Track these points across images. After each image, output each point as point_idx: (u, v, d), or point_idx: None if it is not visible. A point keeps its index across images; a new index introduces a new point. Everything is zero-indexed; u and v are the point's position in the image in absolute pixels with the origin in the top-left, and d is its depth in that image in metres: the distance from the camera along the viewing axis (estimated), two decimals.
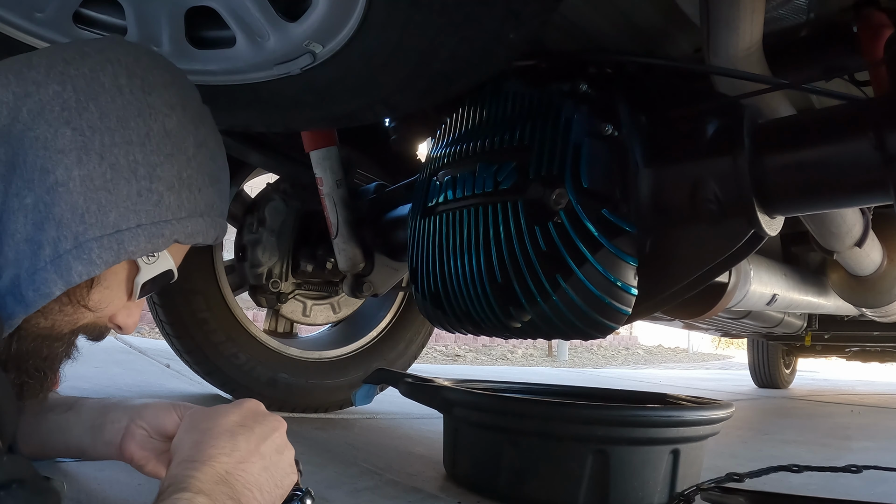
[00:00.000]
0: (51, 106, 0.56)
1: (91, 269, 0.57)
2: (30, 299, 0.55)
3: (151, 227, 0.59)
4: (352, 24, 0.84)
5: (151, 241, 0.59)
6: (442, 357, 6.50)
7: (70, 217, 0.55)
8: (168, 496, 0.53)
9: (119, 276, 0.63)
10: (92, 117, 0.57)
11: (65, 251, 0.55)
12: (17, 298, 0.55)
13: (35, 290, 0.55)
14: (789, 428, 2.48)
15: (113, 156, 0.57)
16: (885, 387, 5.21)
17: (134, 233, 0.58)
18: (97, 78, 0.58)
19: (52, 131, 0.55)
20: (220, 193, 0.68)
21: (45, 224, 0.54)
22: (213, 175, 0.66)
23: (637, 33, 1.12)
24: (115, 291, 0.64)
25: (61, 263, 0.55)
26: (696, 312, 1.39)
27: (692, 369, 7.45)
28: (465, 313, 1.05)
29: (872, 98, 0.96)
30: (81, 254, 0.55)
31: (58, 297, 0.58)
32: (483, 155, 1.02)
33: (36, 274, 0.54)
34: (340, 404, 1.91)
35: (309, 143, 1.47)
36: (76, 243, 0.55)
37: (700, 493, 1.01)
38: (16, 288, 0.54)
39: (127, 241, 0.58)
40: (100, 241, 0.56)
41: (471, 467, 1.19)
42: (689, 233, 0.92)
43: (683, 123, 0.95)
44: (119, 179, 0.57)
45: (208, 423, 0.64)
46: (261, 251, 1.69)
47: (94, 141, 0.56)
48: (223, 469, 0.59)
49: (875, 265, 1.67)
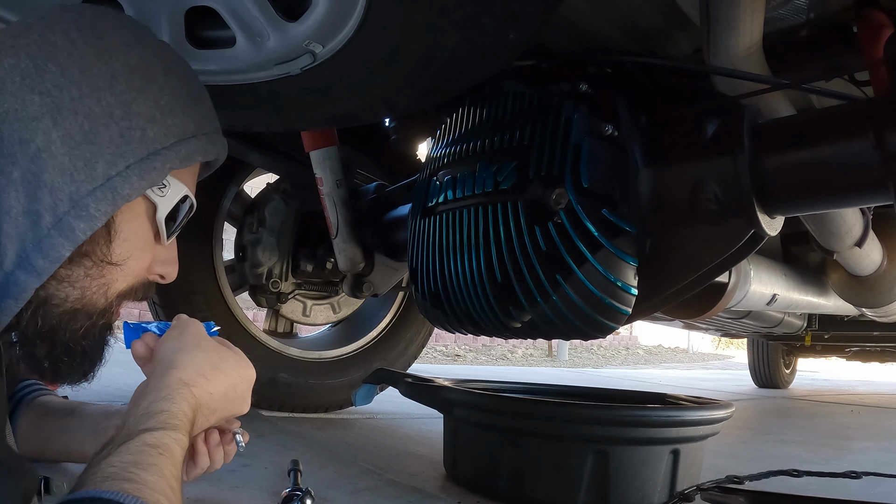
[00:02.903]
0: (11, 78, 0.56)
1: (92, 223, 0.57)
2: (41, 267, 0.56)
3: (140, 164, 0.58)
4: (352, 24, 0.84)
5: (145, 178, 0.59)
6: (442, 357, 6.50)
7: (60, 179, 0.55)
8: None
9: (135, 222, 0.63)
10: (54, 76, 0.56)
11: (63, 213, 0.55)
12: (28, 270, 0.55)
13: (45, 258, 0.55)
14: (789, 428, 2.48)
15: (86, 107, 0.57)
16: (885, 387, 5.21)
17: (124, 175, 0.58)
18: (48, 39, 0.58)
19: (20, 101, 0.55)
20: (206, 111, 0.67)
21: (38, 192, 0.54)
22: (191, 96, 0.65)
23: (637, 33, 1.12)
24: (137, 240, 0.64)
25: (63, 226, 0.55)
26: (696, 312, 1.39)
27: (692, 369, 7.45)
28: (465, 313, 1.05)
29: (872, 98, 0.96)
30: (80, 211, 0.56)
31: (79, 261, 0.59)
32: (483, 155, 1.02)
33: (42, 242, 0.55)
34: (340, 404, 1.91)
35: (309, 143, 1.47)
36: (72, 203, 0.56)
37: (700, 493, 1.01)
38: (24, 260, 0.55)
39: (119, 185, 0.57)
40: (93, 194, 0.56)
41: (471, 467, 1.19)
42: (689, 233, 0.92)
43: (683, 123, 0.95)
44: (98, 128, 0.57)
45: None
46: (261, 251, 1.69)
47: (64, 98, 0.56)
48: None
49: (875, 265, 1.67)
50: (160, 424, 0.57)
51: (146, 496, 0.47)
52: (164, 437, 0.55)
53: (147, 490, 0.48)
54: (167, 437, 0.56)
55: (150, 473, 0.50)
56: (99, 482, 0.47)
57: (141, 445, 0.53)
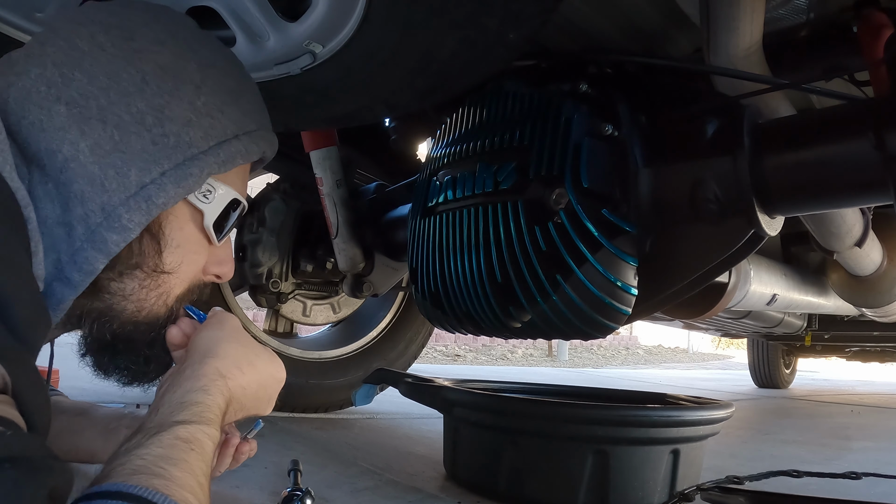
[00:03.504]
0: (36, 88, 0.54)
1: (126, 234, 0.55)
2: (76, 280, 0.55)
3: (175, 170, 0.56)
4: (352, 24, 0.84)
5: (181, 185, 0.57)
6: (442, 357, 6.50)
7: (90, 190, 0.54)
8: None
9: (185, 230, 0.62)
10: (80, 85, 0.55)
11: (96, 225, 0.54)
12: (64, 282, 0.54)
13: (79, 271, 0.54)
14: (789, 428, 2.48)
15: (114, 115, 0.55)
16: (885, 387, 5.21)
17: (159, 183, 0.56)
18: (74, 45, 0.56)
19: (46, 112, 0.54)
20: (249, 108, 0.64)
21: (70, 203, 0.53)
22: (231, 92, 0.62)
23: (637, 33, 1.12)
24: (189, 246, 0.62)
25: (96, 238, 0.54)
26: (696, 312, 1.39)
27: (692, 369, 7.45)
28: (465, 313, 1.05)
29: (872, 98, 0.96)
30: (113, 223, 0.54)
31: (131, 273, 0.58)
32: (483, 155, 1.02)
33: (76, 255, 0.54)
34: (340, 404, 1.91)
35: (309, 143, 1.47)
36: (105, 214, 0.54)
37: (700, 493, 1.01)
38: (60, 272, 0.54)
39: (154, 194, 0.55)
40: (126, 203, 0.54)
41: (471, 467, 1.19)
42: (689, 233, 0.92)
43: (683, 123, 0.95)
44: (128, 136, 0.55)
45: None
46: (261, 251, 1.69)
47: (91, 107, 0.54)
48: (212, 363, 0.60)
49: (875, 265, 1.67)
50: (194, 417, 0.54)
51: (175, 494, 0.46)
52: (197, 431, 0.53)
53: (176, 487, 0.47)
54: (200, 432, 0.54)
55: (180, 469, 0.48)
56: (127, 475, 0.45)
57: (173, 439, 0.51)
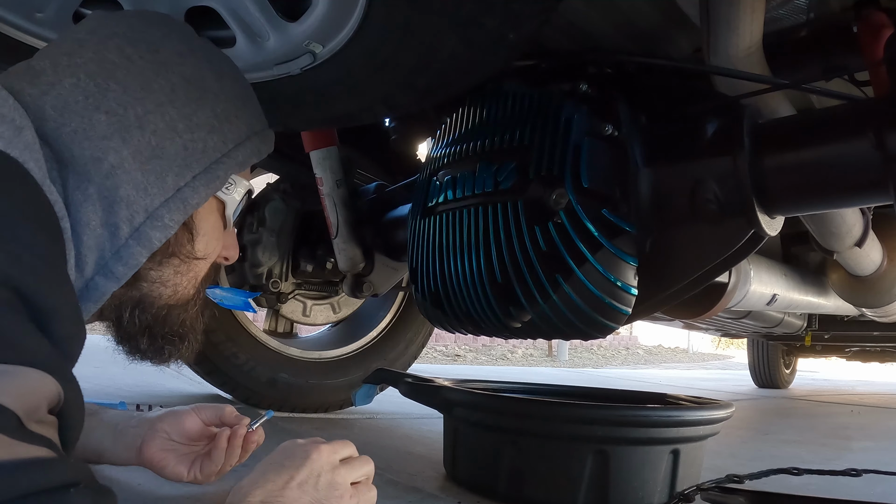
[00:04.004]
0: (74, 98, 0.58)
1: (167, 231, 0.61)
2: (120, 273, 0.60)
3: (205, 174, 0.63)
4: (352, 24, 0.84)
5: (210, 186, 0.63)
6: (442, 357, 6.51)
7: (135, 194, 0.59)
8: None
9: (210, 220, 0.68)
10: (116, 94, 0.59)
11: (140, 224, 0.59)
12: (108, 276, 0.60)
13: (124, 265, 0.60)
14: (789, 428, 2.48)
15: (151, 123, 0.60)
16: (885, 387, 5.21)
17: (192, 186, 0.62)
18: (104, 57, 0.60)
19: (87, 121, 0.57)
20: (255, 109, 0.72)
21: (115, 206, 0.58)
22: (242, 97, 0.69)
23: (637, 33, 1.12)
24: (213, 233, 0.69)
25: (141, 236, 0.60)
26: (696, 312, 1.39)
27: (692, 369, 7.45)
28: (465, 313, 1.05)
29: (872, 98, 0.96)
30: (155, 222, 0.60)
31: (167, 262, 0.65)
32: (483, 155, 1.02)
33: (121, 251, 0.59)
34: (340, 404, 1.91)
35: (309, 143, 1.47)
36: (148, 215, 0.60)
37: (700, 493, 1.01)
38: (103, 268, 0.59)
39: (189, 196, 0.62)
40: (166, 205, 0.61)
41: (471, 467, 1.19)
42: (689, 233, 0.92)
43: (683, 123, 0.95)
44: (164, 142, 0.60)
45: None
46: (261, 251, 1.69)
47: (129, 116, 0.59)
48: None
49: (875, 265, 1.67)
50: None
51: None
52: None
53: None
54: None
55: None
56: None
57: None
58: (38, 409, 0.43)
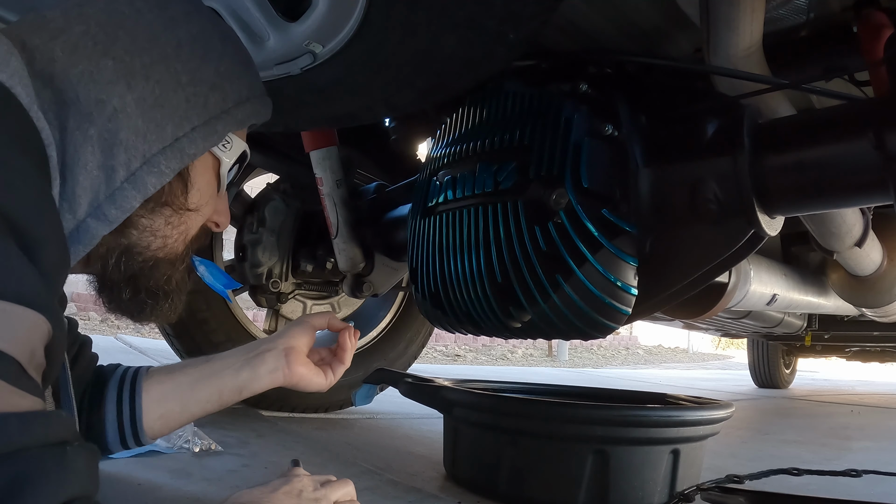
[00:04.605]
0: (83, 43, 0.59)
1: (162, 178, 0.62)
2: (112, 216, 0.61)
3: (204, 126, 0.64)
4: (352, 24, 0.84)
5: (208, 139, 0.65)
6: (442, 357, 6.50)
7: (134, 139, 0.60)
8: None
9: (205, 176, 0.69)
10: (125, 43, 0.60)
11: (137, 169, 0.60)
12: (100, 218, 0.60)
13: (117, 208, 0.60)
14: (789, 428, 2.48)
15: (156, 73, 0.61)
16: (885, 387, 5.21)
17: (190, 137, 0.63)
18: (115, 9, 0.62)
19: (94, 64, 0.58)
20: (255, 74, 0.73)
21: (114, 150, 0.59)
22: (244, 61, 0.70)
23: (637, 33, 1.12)
24: (206, 190, 0.70)
25: (136, 181, 0.60)
26: (696, 312, 1.39)
27: (692, 369, 7.45)
28: (465, 313, 1.05)
29: (872, 98, 0.96)
30: (152, 168, 0.61)
31: (160, 211, 0.65)
32: (483, 155, 1.02)
33: (115, 194, 0.60)
34: (340, 404, 1.91)
35: (309, 143, 1.47)
36: (145, 160, 0.61)
37: (700, 493, 1.01)
38: (97, 210, 0.60)
39: (186, 146, 0.63)
40: (164, 153, 0.61)
41: (471, 467, 1.19)
42: (689, 233, 0.92)
43: (683, 123, 0.95)
44: (167, 93, 0.61)
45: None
46: (261, 251, 1.69)
47: (135, 64, 0.60)
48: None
49: (875, 265, 1.67)
50: None
51: None
52: None
53: None
54: None
55: None
56: None
57: None
58: (36, 353, 0.44)
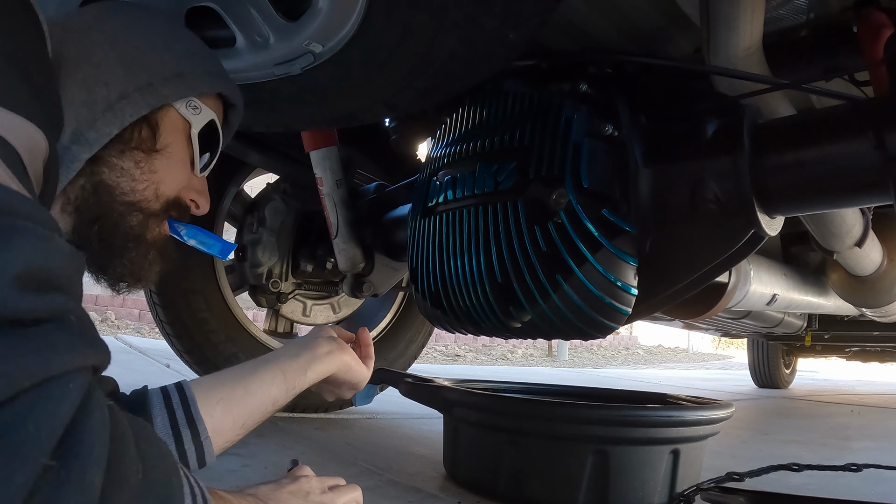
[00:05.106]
0: (75, 22, 0.71)
1: (137, 110, 0.70)
2: (92, 139, 0.68)
3: (175, 78, 0.73)
4: (352, 24, 0.84)
5: (178, 88, 0.73)
6: (442, 357, 6.50)
7: (113, 80, 0.69)
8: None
9: (175, 136, 0.75)
10: (113, 26, 0.72)
11: (114, 101, 0.69)
12: (81, 142, 0.68)
13: (96, 132, 0.68)
14: (789, 428, 2.48)
15: (137, 39, 0.72)
16: (885, 387, 5.21)
17: (162, 83, 0.72)
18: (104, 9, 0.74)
19: (84, 33, 0.70)
20: (222, 68, 0.82)
21: (96, 88, 0.68)
22: (213, 57, 0.80)
23: (637, 33, 1.12)
24: (176, 153, 0.76)
25: (115, 110, 0.69)
26: (696, 312, 1.39)
27: (692, 369, 7.45)
28: (465, 313, 1.05)
29: (872, 98, 0.96)
30: (129, 102, 0.70)
31: (130, 154, 0.72)
32: (483, 155, 1.02)
33: (95, 121, 0.68)
34: (340, 404, 1.91)
35: (309, 143, 1.47)
36: (122, 94, 0.70)
37: (700, 493, 1.01)
38: (78, 136, 0.67)
39: (160, 87, 0.72)
40: (140, 90, 0.71)
41: (471, 467, 1.19)
42: (689, 233, 0.92)
43: (683, 123, 0.95)
44: (145, 55, 0.72)
45: None
46: (261, 251, 1.69)
47: (118, 34, 0.72)
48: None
49: (875, 265, 1.67)
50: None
51: None
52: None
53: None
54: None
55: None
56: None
57: None
58: (36, 159, 0.50)
